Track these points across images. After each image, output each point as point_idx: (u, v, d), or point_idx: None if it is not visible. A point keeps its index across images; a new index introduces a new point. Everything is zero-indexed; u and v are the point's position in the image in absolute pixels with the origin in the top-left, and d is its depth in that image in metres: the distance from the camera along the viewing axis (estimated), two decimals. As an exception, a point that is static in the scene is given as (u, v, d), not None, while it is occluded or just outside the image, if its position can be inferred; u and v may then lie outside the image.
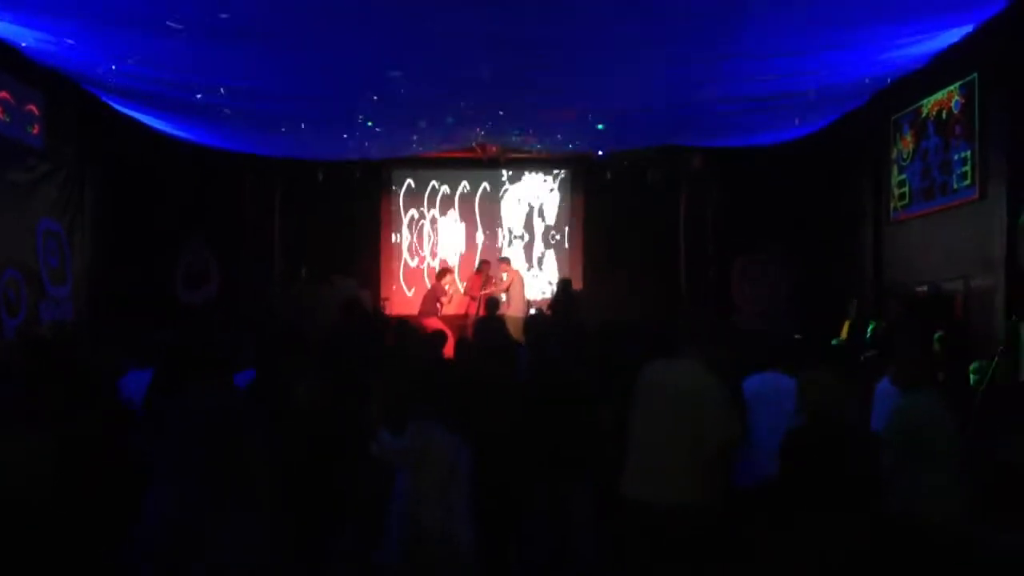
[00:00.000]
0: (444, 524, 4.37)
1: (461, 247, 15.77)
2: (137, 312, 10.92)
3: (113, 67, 8.68)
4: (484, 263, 14.31)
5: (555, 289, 12.76)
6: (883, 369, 5.96)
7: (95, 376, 5.28)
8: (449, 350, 8.06)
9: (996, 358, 7.08)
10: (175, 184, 13.01)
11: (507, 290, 13.58)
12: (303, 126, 10.94)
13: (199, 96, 9.35)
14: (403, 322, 8.92)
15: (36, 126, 9.81)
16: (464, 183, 15.77)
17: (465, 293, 14.09)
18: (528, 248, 15.77)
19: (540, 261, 15.77)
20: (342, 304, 8.75)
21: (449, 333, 8.89)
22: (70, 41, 7.94)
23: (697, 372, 4.69)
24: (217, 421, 4.02)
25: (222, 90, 9.18)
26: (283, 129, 11.02)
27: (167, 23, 6.95)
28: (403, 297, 15.51)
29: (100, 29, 7.52)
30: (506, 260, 14.10)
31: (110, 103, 10.42)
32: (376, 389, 4.90)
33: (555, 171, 15.71)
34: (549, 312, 12.61)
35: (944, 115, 9.74)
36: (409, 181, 15.78)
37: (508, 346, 7.00)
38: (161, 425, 4.12)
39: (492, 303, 11.30)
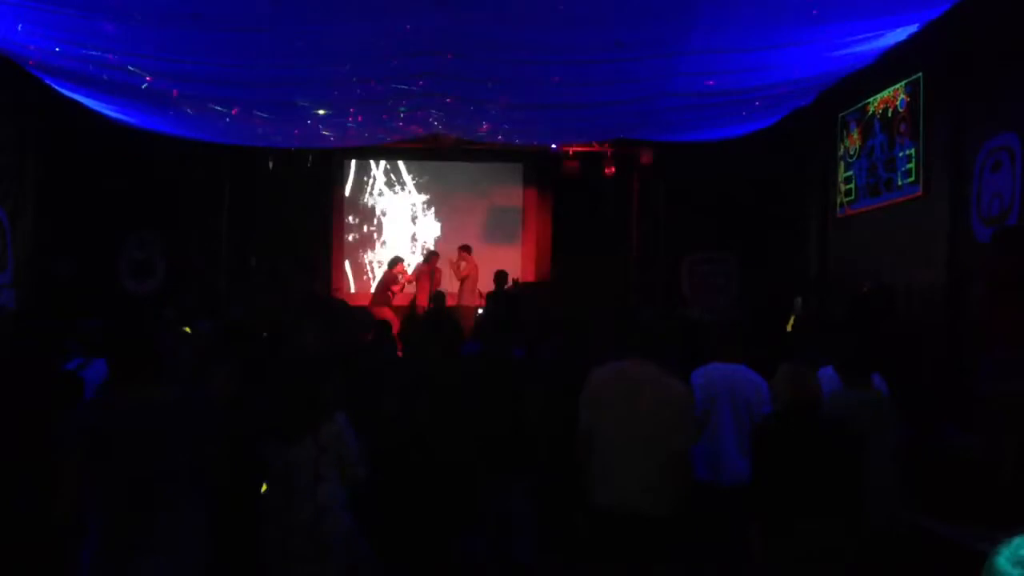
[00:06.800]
0: (314, 517, 4.34)
1: (414, 237, 15.71)
2: (81, 300, 10.71)
3: (57, 49, 8.49)
4: (432, 254, 14.26)
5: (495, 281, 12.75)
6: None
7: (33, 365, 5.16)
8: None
9: None
10: (121, 170, 12.75)
11: (464, 279, 13.58)
12: (253, 112, 10.79)
13: (148, 80, 9.18)
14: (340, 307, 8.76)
15: (-25, 108, 9.58)
16: (418, 173, 15.69)
17: (411, 281, 14.03)
18: (479, 239, 15.71)
19: (492, 253, 15.72)
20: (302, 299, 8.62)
21: (395, 322, 8.84)
22: (19, 26, 7.76)
23: (666, 376, 4.52)
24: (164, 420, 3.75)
25: (170, 75, 9.02)
26: (232, 115, 10.85)
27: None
28: (354, 287, 15.42)
29: (44, 9, 7.34)
30: (466, 248, 14.04)
31: (54, 86, 10.16)
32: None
33: (509, 163, 15.68)
34: (483, 303, 12.61)
35: (890, 113, 9.89)
36: (362, 170, 15.67)
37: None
38: (97, 438, 3.62)
39: (437, 296, 11.30)
